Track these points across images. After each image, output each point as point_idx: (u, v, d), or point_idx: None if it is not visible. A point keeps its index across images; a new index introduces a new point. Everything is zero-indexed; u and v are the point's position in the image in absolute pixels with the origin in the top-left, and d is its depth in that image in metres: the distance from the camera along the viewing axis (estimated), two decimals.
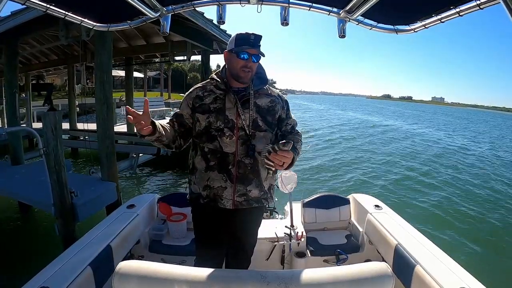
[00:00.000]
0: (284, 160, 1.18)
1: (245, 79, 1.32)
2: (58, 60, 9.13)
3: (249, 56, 1.28)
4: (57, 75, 20.87)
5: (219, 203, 1.34)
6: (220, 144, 1.31)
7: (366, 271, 0.97)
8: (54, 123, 3.16)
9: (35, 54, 9.11)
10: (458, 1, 0.92)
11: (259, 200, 1.39)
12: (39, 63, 9.78)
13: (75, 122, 8.88)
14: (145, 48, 7.56)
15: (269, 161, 1.21)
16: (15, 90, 5.32)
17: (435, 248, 1.56)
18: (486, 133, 25.44)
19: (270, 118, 1.37)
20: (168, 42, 6.94)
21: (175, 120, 1.40)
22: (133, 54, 8.18)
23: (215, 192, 1.33)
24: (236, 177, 1.32)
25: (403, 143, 14.36)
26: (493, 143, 17.49)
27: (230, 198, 1.33)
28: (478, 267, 3.48)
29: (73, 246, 1.52)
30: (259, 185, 1.37)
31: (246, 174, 1.33)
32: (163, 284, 0.92)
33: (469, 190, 7.18)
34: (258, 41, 1.30)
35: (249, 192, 1.35)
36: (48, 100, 12.65)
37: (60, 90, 20.77)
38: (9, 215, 4.55)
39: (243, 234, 1.50)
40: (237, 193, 1.33)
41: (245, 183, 1.34)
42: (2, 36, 4.89)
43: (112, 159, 4.17)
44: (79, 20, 1.31)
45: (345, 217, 2.36)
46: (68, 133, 8.73)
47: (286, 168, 1.28)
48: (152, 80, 32.78)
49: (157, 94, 18.48)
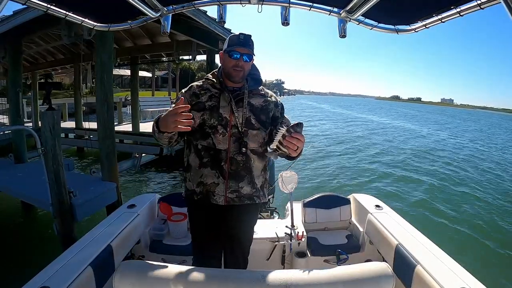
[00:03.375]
0: (298, 144, 1.14)
1: (236, 77, 1.36)
2: (64, 59, 9.23)
3: (240, 56, 1.32)
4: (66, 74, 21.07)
5: (212, 199, 1.37)
6: (213, 141, 1.34)
7: (367, 271, 0.97)
8: (52, 123, 3.16)
9: (42, 53, 9.22)
10: (458, 1, 0.92)
11: (251, 197, 1.41)
12: (46, 62, 9.91)
13: (81, 121, 8.91)
14: (150, 47, 7.61)
15: (282, 146, 1.16)
16: (18, 89, 5.34)
17: (435, 248, 1.56)
18: (487, 133, 25.50)
19: (263, 117, 1.40)
20: (174, 42, 6.98)
21: None
22: (139, 53, 8.22)
23: (208, 188, 1.36)
24: (228, 173, 1.35)
25: (404, 143, 14.36)
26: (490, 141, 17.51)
27: (222, 194, 1.36)
28: (479, 267, 3.48)
29: (74, 246, 1.52)
30: (251, 182, 1.39)
31: (238, 171, 1.36)
32: (163, 283, 0.92)
33: (470, 190, 7.17)
34: (247, 40, 1.34)
35: (241, 188, 1.37)
36: (47, 100, 12.68)
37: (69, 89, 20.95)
38: (11, 213, 4.57)
39: (238, 231, 1.51)
40: (229, 190, 1.36)
41: (237, 180, 1.36)
42: (5, 36, 4.91)
43: (112, 159, 4.15)
44: (80, 20, 1.32)
45: (345, 217, 2.36)
46: (73, 132, 8.80)
47: (296, 157, 1.27)
48: (161, 80, 33.15)
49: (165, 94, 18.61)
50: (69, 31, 4.32)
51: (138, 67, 9.38)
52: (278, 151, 1.21)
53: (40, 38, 7.11)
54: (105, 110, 4.01)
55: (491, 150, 14.60)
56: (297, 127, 1.12)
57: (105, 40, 3.97)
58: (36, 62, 10.01)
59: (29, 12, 4.17)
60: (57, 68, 11.53)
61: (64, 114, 11.34)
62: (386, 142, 14.28)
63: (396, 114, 42.61)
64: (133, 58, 8.44)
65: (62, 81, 24.03)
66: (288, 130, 1.13)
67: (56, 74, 22.38)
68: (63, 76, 23.33)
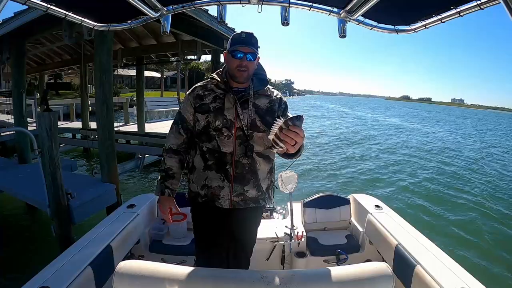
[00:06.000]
0: (297, 139, 1.05)
1: (241, 78, 1.32)
2: (71, 60, 9.26)
3: (244, 55, 1.29)
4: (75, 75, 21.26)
5: (217, 203, 1.35)
6: (218, 143, 1.32)
7: (367, 271, 0.97)
8: (49, 124, 3.14)
9: (49, 54, 9.27)
10: (458, 1, 0.92)
11: (257, 200, 1.39)
12: (53, 63, 9.97)
13: (87, 121, 8.91)
14: (156, 47, 7.59)
15: (279, 140, 1.06)
16: (22, 90, 5.34)
17: (435, 248, 1.56)
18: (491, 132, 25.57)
19: (269, 119, 1.35)
20: (179, 42, 6.97)
21: (180, 127, 1.41)
22: (144, 53, 8.21)
23: (213, 192, 1.34)
24: (233, 177, 1.33)
25: (405, 143, 14.36)
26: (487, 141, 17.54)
27: (228, 198, 1.34)
28: (478, 267, 3.49)
29: (74, 246, 1.52)
30: (257, 185, 1.37)
31: (243, 174, 1.34)
32: (163, 284, 0.92)
33: (470, 190, 7.17)
34: (249, 38, 1.30)
35: (246, 192, 1.35)
36: (44, 101, 12.70)
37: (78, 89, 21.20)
38: (16, 213, 4.59)
39: (242, 234, 1.50)
40: (234, 193, 1.34)
41: (242, 183, 1.34)
42: (8, 37, 4.92)
43: (112, 160, 4.13)
44: (80, 20, 1.31)
45: (345, 217, 2.36)
46: (79, 132, 8.83)
47: (294, 154, 1.24)
48: (169, 80, 33.42)
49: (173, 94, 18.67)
50: (71, 32, 4.30)
51: (144, 67, 9.35)
52: (274, 147, 1.11)
53: (45, 39, 7.12)
54: (105, 111, 3.97)
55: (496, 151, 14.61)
56: (297, 120, 1.01)
57: (104, 40, 3.93)
58: (43, 63, 10.08)
59: (30, 13, 4.16)
60: (64, 69, 11.57)
61: (72, 115, 11.43)
62: (386, 142, 14.28)
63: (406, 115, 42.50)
64: (139, 58, 8.42)
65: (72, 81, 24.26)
66: (285, 123, 1.03)
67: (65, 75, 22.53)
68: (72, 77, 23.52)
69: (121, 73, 27.27)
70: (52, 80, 22.96)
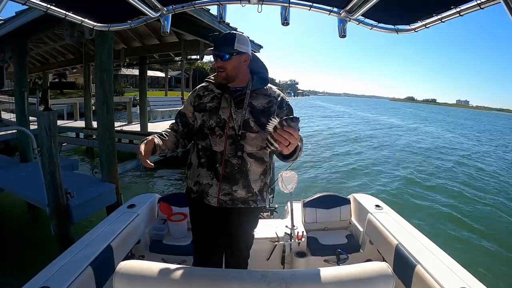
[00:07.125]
0: (291, 140, 1.01)
1: (219, 78, 1.35)
2: (74, 59, 9.27)
3: (217, 57, 1.32)
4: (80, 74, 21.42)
5: (205, 199, 1.38)
6: (210, 142, 1.35)
7: (367, 271, 0.97)
8: (49, 123, 3.14)
9: (52, 53, 9.27)
10: (458, 1, 0.92)
11: (246, 201, 1.38)
12: (57, 62, 9.99)
13: (90, 121, 8.92)
14: (158, 47, 7.59)
15: (273, 139, 1.03)
16: (24, 89, 5.35)
17: (435, 248, 1.56)
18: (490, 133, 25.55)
19: (264, 120, 1.27)
20: (181, 41, 6.95)
21: (179, 120, 1.46)
22: (147, 53, 8.21)
23: (203, 189, 1.37)
24: (222, 175, 1.34)
25: (404, 143, 14.35)
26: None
27: (215, 196, 1.36)
28: (479, 267, 3.48)
29: (74, 246, 1.52)
30: (247, 186, 1.36)
31: (232, 174, 1.34)
32: (163, 284, 0.92)
33: (470, 189, 7.17)
34: (221, 39, 1.31)
35: (235, 192, 1.35)
36: (44, 100, 12.76)
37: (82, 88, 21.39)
38: (16, 211, 4.59)
39: (236, 233, 1.51)
40: (222, 192, 1.35)
41: (231, 183, 1.34)
42: (10, 36, 4.92)
43: (112, 160, 4.13)
44: (80, 20, 1.32)
45: (345, 217, 2.36)
46: (82, 131, 8.87)
47: (289, 156, 1.22)
48: (174, 80, 33.48)
49: (178, 94, 18.75)
50: (72, 31, 4.31)
51: (147, 67, 9.34)
52: (269, 147, 1.08)
53: (48, 38, 7.12)
54: (105, 111, 3.98)
55: (495, 150, 14.60)
56: (291, 121, 0.99)
57: (104, 40, 3.93)
58: (47, 62, 10.09)
59: (31, 12, 4.17)
60: (68, 68, 11.58)
61: (75, 114, 11.49)
62: (386, 142, 14.28)
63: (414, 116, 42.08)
64: (142, 58, 8.42)
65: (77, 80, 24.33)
66: (280, 122, 1.01)
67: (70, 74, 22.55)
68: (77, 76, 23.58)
69: (125, 73, 27.22)
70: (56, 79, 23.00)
